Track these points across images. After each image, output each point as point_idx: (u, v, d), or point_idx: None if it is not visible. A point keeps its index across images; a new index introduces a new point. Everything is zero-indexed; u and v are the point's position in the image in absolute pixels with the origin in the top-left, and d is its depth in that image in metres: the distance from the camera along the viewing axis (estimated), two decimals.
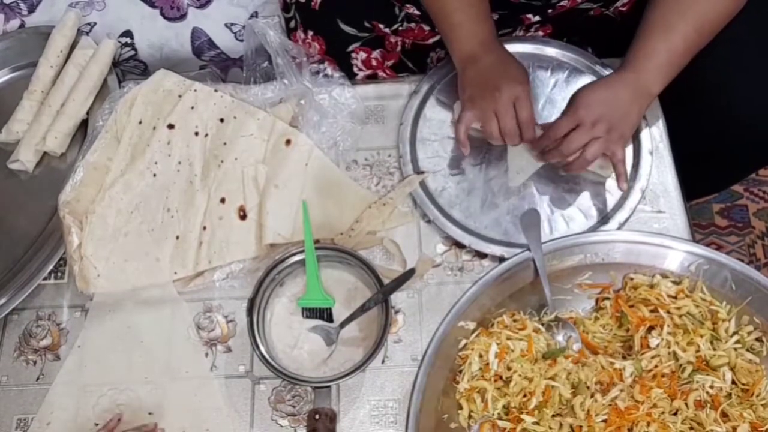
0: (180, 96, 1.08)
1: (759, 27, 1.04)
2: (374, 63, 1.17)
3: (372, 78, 1.18)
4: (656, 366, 0.86)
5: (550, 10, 1.09)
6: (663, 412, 0.83)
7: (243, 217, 1.01)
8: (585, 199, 1.01)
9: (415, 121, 1.07)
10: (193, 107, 1.08)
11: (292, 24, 1.19)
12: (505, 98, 0.94)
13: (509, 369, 0.87)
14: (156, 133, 1.06)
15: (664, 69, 0.94)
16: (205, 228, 1.01)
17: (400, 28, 1.13)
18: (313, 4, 1.14)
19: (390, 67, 1.18)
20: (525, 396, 0.85)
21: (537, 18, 1.10)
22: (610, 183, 1.01)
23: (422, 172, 1.03)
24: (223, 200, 1.02)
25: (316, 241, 0.96)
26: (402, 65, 1.19)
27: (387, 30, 1.13)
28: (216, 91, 1.09)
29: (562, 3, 1.07)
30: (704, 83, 1.06)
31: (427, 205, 1.01)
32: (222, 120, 1.07)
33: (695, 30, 0.93)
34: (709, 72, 1.04)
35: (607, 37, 1.14)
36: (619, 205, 0.99)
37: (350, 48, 1.16)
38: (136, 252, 1.00)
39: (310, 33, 1.16)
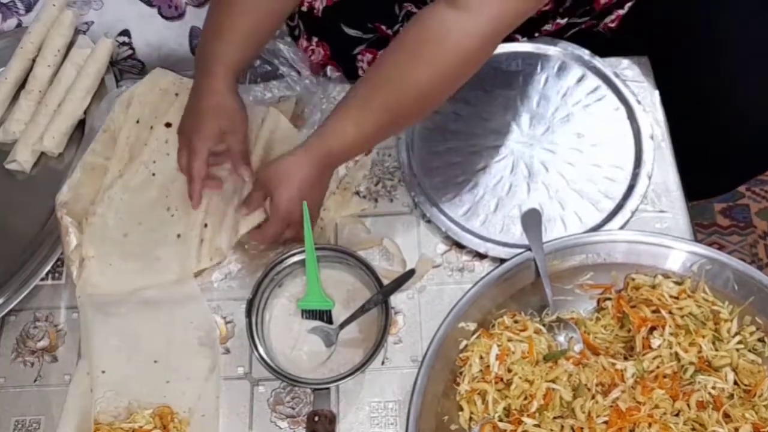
0: (176, 94, 1.08)
1: (759, 27, 1.03)
2: None
3: None
4: (658, 367, 0.86)
5: (536, 34, 1.09)
6: (665, 413, 0.83)
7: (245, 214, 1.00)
8: (589, 197, 1.01)
9: (411, 134, 1.06)
10: None
11: (296, 32, 1.18)
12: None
13: (510, 371, 0.86)
14: (153, 132, 1.05)
15: (350, 149, 0.90)
16: (206, 225, 1.00)
17: (401, 29, 1.13)
18: (315, 11, 1.13)
19: None
20: (526, 399, 0.85)
21: (524, 40, 1.11)
22: (619, 175, 1.01)
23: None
24: (223, 197, 1.01)
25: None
26: None
27: (389, 31, 1.13)
28: None
29: (546, 27, 1.07)
30: (704, 81, 1.05)
31: (426, 205, 1.00)
32: None
33: (386, 109, 0.86)
34: (709, 69, 1.04)
35: (598, 53, 1.13)
36: (621, 205, 0.99)
37: (356, 51, 1.15)
38: (137, 252, 0.99)
39: (315, 39, 1.16)
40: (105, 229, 1.00)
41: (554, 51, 1.10)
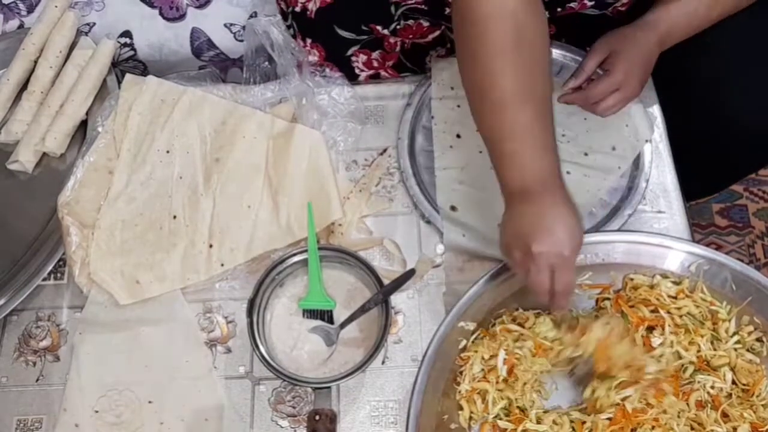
0: (175, 103, 1.08)
1: (756, 29, 1.04)
2: (375, 64, 1.17)
3: (375, 77, 1.18)
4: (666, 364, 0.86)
5: (559, 9, 1.08)
6: (670, 418, 0.83)
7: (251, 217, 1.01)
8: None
9: (411, 135, 1.06)
10: (189, 113, 1.07)
11: (291, 32, 1.19)
12: (540, 263, 0.78)
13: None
14: (155, 143, 1.06)
15: (682, 32, 0.98)
16: (213, 231, 1.00)
17: (398, 27, 1.13)
18: (308, 12, 1.13)
19: (391, 67, 1.18)
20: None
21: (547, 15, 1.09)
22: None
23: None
24: (228, 202, 1.02)
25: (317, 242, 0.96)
26: (402, 65, 1.18)
27: (385, 31, 1.13)
28: (211, 94, 1.08)
29: (571, 4, 1.07)
30: (700, 83, 1.06)
31: (426, 205, 1.01)
32: (220, 122, 1.07)
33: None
34: (704, 71, 1.04)
35: None
36: (619, 205, 0.99)
37: (349, 52, 1.16)
38: (147, 263, 0.99)
39: (309, 41, 1.16)
40: (113, 242, 1.00)
41: (552, 54, 1.11)
